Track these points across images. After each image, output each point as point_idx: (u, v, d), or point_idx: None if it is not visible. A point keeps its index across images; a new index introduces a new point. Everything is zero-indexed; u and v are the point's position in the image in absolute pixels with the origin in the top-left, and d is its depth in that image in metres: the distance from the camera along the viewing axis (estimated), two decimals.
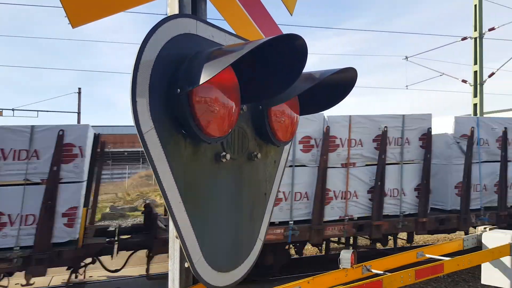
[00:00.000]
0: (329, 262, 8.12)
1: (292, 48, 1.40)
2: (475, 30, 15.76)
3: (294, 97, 1.71)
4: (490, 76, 16.23)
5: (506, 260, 5.85)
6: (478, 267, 6.08)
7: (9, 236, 6.36)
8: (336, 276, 4.32)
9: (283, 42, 1.38)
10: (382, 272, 4.51)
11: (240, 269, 1.66)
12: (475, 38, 15.82)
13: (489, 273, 6.05)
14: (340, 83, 1.75)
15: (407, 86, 19.78)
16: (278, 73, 1.47)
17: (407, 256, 5.23)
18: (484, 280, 6.13)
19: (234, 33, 1.81)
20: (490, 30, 15.72)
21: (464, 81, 16.72)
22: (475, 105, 16.14)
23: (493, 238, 6.04)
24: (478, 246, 6.16)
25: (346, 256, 4.34)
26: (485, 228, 6.45)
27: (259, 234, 1.78)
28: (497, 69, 16.29)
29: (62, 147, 6.66)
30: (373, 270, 4.58)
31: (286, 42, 1.38)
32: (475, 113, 15.82)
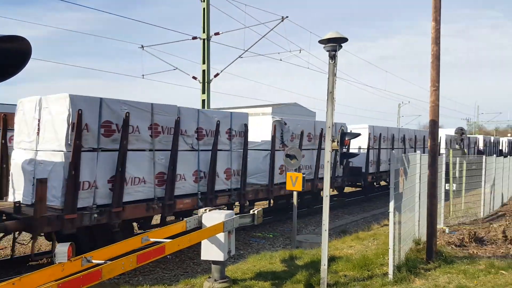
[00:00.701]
0: None
1: None
2: (204, 32, 17.30)
3: None
4: (215, 76, 18.12)
5: (221, 236, 6.52)
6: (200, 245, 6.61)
7: None
8: (50, 272, 3.89)
9: None
10: (103, 261, 4.33)
11: None
12: (204, 39, 17.35)
13: (207, 249, 6.61)
14: (12, 54, 1.44)
15: (143, 75, 20.10)
16: None
17: (132, 242, 5.20)
18: (203, 256, 6.68)
19: None
20: (215, 34, 17.53)
21: (194, 77, 18.14)
22: (203, 100, 17.74)
23: (210, 218, 6.60)
24: (199, 226, 6.65)
25: (62, 249, 3.96)
26: (205, 209, 7.03)
27: None
28: (221, 71, 18.37)
29: None
30: (94, 261, 4.34)
31: None
32: (203, 107, 17.39)
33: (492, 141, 37.70)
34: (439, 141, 21.55)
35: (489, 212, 13.58)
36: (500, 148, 40.99)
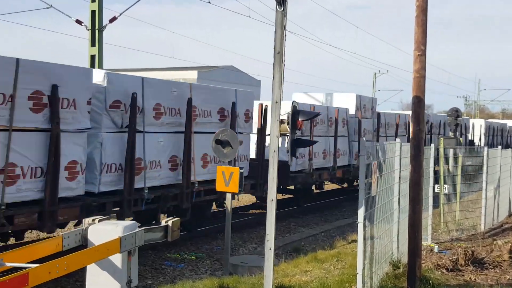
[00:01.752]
0: None
1: None
2: None
3: None
4: (111, 21, 17.64)
5: (116, 259, 6.36)
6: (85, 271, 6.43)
7: None
8: None
9: None
10: None
11: None
12: None
13: (96, 278, 6.44)
14: None
15: None
16: None
17: None
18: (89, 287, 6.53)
19: None
20: None
21: (79, 21, 17.50)
22: (92, 56, 17.19)
23: (101, 232, 6.41)
24: (84, 244, 6.46)
25: None
26: (93, 219, 6.80)
27: None
28: (120, 14, 17.86)
29: None
30: None
31: None
32: (92, 67, 16.80)
33: (440, 123, 30.26)
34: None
35: (492, 223, 14.36)
36: (470, 137, 32.93)
